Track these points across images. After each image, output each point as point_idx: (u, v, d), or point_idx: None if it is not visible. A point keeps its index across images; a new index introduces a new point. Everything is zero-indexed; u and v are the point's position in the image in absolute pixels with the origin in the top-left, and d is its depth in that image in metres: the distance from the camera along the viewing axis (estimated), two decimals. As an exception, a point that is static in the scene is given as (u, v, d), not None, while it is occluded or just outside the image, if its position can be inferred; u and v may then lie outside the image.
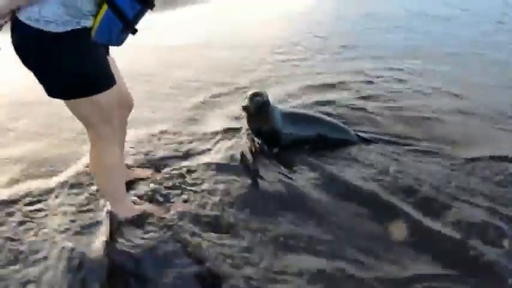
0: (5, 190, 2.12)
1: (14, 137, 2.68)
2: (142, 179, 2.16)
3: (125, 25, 1.48)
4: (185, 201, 2.01)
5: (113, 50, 1.68)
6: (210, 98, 3.20)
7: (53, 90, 1.52)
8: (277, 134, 2.47)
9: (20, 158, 2.41)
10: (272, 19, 5.57)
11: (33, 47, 1.41)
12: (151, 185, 2.11)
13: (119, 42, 1.54)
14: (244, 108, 2.41)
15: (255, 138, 2.55)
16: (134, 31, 1.52)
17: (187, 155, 2.40)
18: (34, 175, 2.23)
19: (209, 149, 2.48)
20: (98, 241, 1.78)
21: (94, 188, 2.09)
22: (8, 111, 3.03)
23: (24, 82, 1.82)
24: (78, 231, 1.84)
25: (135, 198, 2.03)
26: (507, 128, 2.74)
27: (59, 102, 1.56)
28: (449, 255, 1.72)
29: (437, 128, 2.76)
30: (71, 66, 1.46)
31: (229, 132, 2.66)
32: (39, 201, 2.03)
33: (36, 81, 1.50)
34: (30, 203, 2.02)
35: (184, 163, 2.31)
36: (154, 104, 3.07)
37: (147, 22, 1.74)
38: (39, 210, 1.98)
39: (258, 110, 2.41)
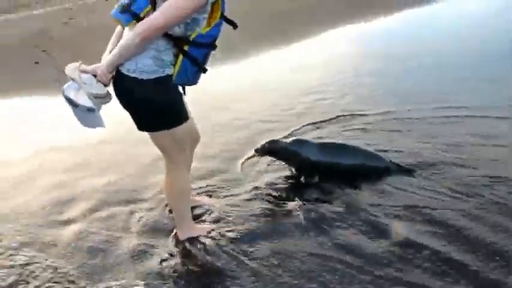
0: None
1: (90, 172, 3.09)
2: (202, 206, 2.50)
3: (198, 68, 1.86)
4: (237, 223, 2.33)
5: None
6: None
7: (143, 125, 1.94)
8: (304, 165, 2.73)
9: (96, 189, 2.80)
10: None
11: (130, 91, 1.85)
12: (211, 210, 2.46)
13: (195, 81, 1.93)
14: (256, 150, 2.73)
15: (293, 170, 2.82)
16: (205, 70, 1.90)
17: (236, 184, 2.71)
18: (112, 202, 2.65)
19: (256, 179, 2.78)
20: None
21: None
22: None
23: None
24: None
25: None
26: None
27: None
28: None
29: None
30: (158, 105, 1.87)
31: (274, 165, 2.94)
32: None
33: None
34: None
35: (234, 191, 2.63)
36: (205, 141, 3.36)
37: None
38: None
39: (270, 154, 2.73)
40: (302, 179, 2.76)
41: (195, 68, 1.84)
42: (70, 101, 1.81)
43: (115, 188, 2.80)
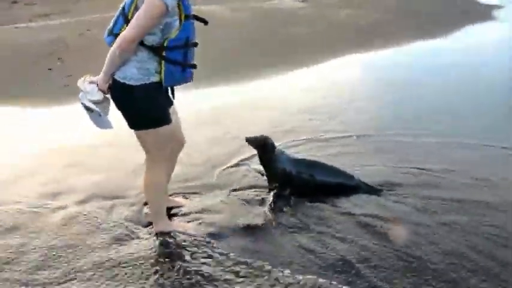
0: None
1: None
2: (178, 206, 2.73)
3: (182, 67, 2.13)
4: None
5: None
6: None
7: (130, 124, 2.23)
8: (279, 174, 2.93)
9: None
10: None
11: (121, 95, 2.17)
12: (185, 209, 2.70)
13: (186, 80, 2.21)
14: (247, 139, 2.91)
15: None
16: (193, 66, 2.18)
17: (212, 189, 2.95)
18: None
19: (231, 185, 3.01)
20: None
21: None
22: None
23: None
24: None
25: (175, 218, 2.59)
26: None
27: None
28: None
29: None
30: (141, 108, 2.18)
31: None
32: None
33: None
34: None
35: (209, 194, 2.88)
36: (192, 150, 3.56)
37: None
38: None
39: (258, 148, 2.92)
40: (274, 189, 2.95)
41: (178, 68, 2.12)
42: (85, 107, 2.18)
43: (104, 185, 3.06)
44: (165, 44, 2.08)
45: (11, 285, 2.08)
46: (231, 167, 3.33)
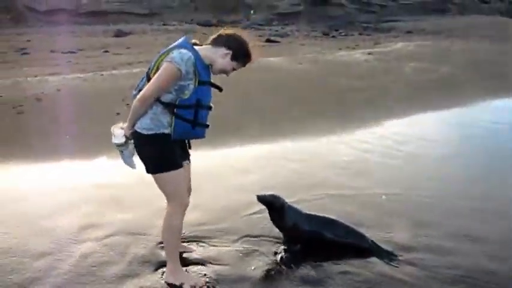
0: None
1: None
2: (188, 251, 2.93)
3: (191, 124, 2.40)
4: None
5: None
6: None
7: (146, 168, 2.51)
8: (288, 229, 3.01)
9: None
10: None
11: (137, 141, 2.51)
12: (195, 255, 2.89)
13: (196, 136, 2.52)
14: (257, 197, 3.02)
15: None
16: (206, 126, 2.49)
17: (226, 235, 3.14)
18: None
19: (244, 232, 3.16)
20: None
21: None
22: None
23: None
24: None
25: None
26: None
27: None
28: None
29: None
30: (150, 154, 2.47)
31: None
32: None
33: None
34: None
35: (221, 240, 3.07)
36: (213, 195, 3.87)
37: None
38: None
39: (267, 205, 3.00)
40: (285, 243, 3.04)
41: (187, 125, 2.40)
42: (117, 146, 2.57)
43: (130, 221, 3.37)
44: (176, 103, 2.38)
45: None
46: (250, 214, 3.46)
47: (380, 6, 36.15)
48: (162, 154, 2.45)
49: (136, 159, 2.58)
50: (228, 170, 4.56)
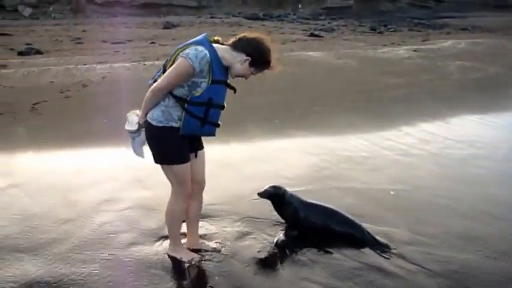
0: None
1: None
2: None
3: (201, 122, 2.45)
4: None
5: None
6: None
7: (154, 158, 2.61)
8: (288, 215, 3.17)
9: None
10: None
11: (147, 131, 2.60)
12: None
13: (205, 134, 2.57)
14: (258, 193, 3.17)
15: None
16: (217, 125, 2.53)
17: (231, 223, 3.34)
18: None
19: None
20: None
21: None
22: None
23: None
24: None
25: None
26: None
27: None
28: None
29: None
30: (157, 145, 2.58)
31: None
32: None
33: None
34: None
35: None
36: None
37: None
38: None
39: (269, 197, 3.15)
40: (285, 228, 3.20)
41: (197, 122, 2.44)
42: (129, 132, 2.68)
43: (145, 198, 3.69)
44: (188, 98, 2.43)
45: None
46: (255, 199, 3.63)
47: (436, 2, 34.65)
48: (169, 147, 2.52)
49: (146, 149, 2.67)
50: (245, 159, 4.76)
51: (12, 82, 7.97)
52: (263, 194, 3.16)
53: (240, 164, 4.59)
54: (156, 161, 2.61)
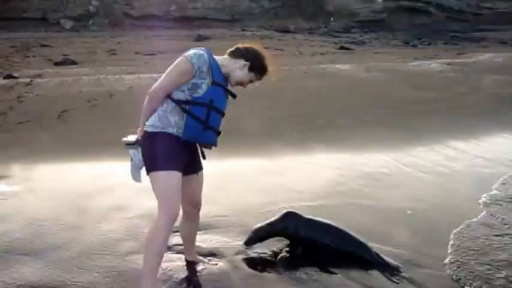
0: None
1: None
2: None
3: (203, 126, 2.34)
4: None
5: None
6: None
7: (146, 169, 2.39)
8: (288, 233, 3.00)
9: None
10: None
11: (143, 141, 2.44)
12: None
13: (207, 140, 2.43)
14: (245, 243, 2.97)
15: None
16: (218, 132, 2.43)
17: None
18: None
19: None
20: None
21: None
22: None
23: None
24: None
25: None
26: None
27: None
28: None
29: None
30: (150, 151, 2.36)
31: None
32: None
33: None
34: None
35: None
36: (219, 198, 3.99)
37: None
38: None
39: (260, 240, 2.98)
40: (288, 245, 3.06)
41: (199, 125, 2.32)
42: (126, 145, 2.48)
43: (151, 208, 3.64)
44: (190, 99, 2.34)
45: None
46: (261, 212, 3.52)
47: (473, 15, 33.55)
48: (160, 151, 2.35)
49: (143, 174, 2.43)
50: (258, 171, 4.68)
51: (45, 91, 8.33)
52: (250, 242, 2.97)
53: (251, 176, 4.51)
54: (146, 170, 2.38)
